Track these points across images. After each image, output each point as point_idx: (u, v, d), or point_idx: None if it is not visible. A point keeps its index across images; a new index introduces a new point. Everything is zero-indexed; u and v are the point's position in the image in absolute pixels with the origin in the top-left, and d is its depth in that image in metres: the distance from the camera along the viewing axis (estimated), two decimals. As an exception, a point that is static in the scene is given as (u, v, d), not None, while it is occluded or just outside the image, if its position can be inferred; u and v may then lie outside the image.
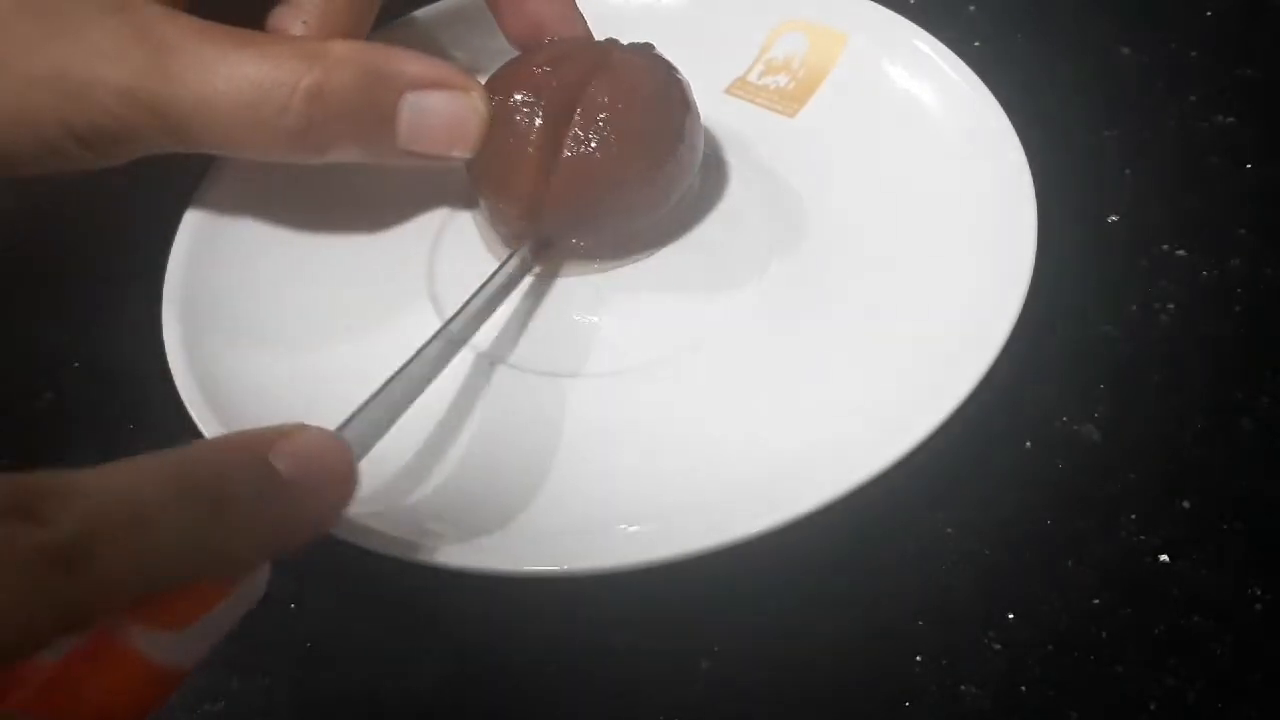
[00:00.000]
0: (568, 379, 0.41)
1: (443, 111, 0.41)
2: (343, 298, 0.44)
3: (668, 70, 0.42)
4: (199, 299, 0.42)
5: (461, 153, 0.41)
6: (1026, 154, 0.42)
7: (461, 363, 0.41)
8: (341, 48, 0.39)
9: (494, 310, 0.40)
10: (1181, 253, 0.43)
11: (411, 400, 0.35)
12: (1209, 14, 0.52)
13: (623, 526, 0.35)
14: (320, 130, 0.39)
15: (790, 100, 0.48)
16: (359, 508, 0.35)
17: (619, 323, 0.42)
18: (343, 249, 0.45)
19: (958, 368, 0.37)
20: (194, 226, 0.44)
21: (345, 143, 0.40)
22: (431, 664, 0.36)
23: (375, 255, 0.45)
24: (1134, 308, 0.42)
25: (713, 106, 0.41)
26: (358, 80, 0.39)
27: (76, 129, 0.38)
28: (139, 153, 0.40)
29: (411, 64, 0.40)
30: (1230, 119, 0.48)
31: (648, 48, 0.42)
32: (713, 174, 0.46)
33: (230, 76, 0.38)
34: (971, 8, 0.53)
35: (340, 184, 0.45)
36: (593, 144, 0.40)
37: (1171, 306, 0.42)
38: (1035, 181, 0.41)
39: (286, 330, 0.42)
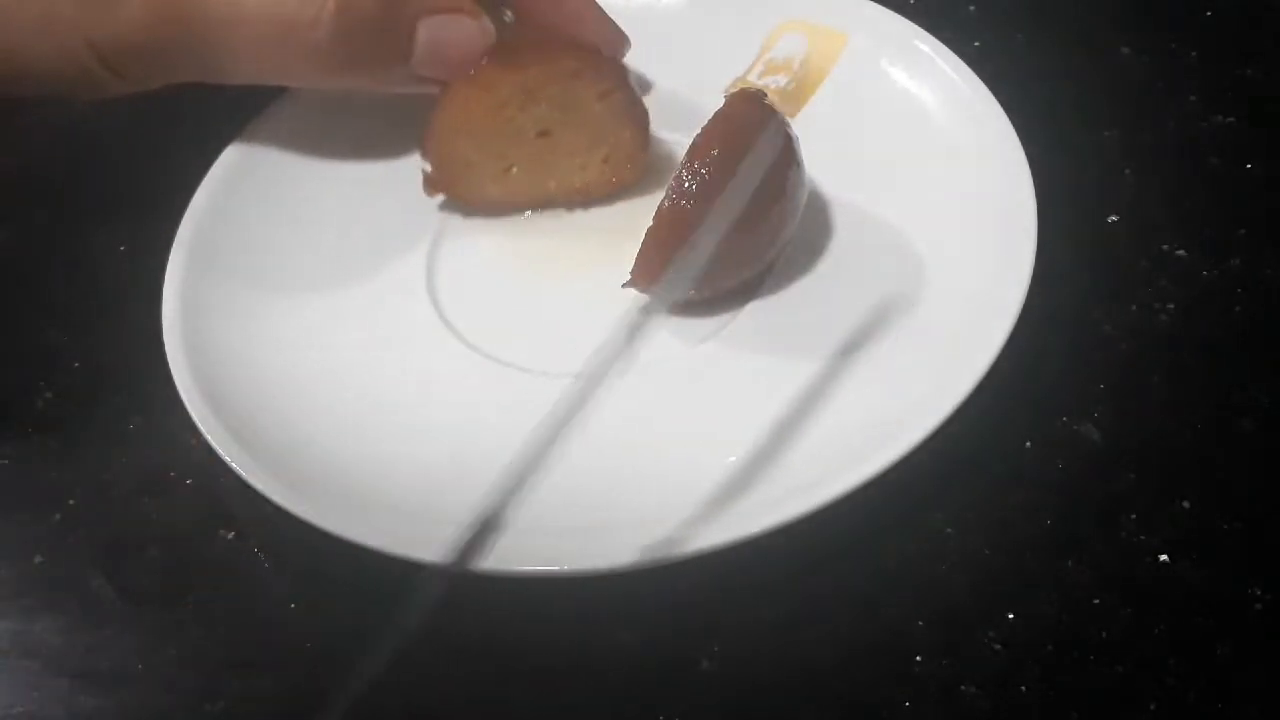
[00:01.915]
0: (568, 379, 0.41)
1: (456, 34, 0.42)
2: (341, 297, 0.44)
3: (779, 124, 0.41)
4: (198, 301, 0.42)
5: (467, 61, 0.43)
6: (1026, 154, 0.42)
7: (466, 364, 0.41)
8: None
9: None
10: (1181, 253, 0.43)
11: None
12: (1209, 14, 0.52)
13: (624, 527, 0.36)
14: (345, 46, 0.40)
15: (790, 100, 0.47)
16: (359, 509, 0.36)
17: (606, 326, 0.42)
18: (342, 247, 0.45)
19: (958, 368, 0.37)
20: (193, 229, 0.44)
21: (364, 61, 0.42)
22: (432, 664, 0.36)
23: (374, 255, 0.45)
24: (1134, 308, 0.42)
25: (713, 106, 0.41)
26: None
27: (98, 41, 0.38)
28: (161, 76, 0.40)
29: None
30: (1230, 119, 0.48)
31: (757, 96, 0.41)
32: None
33: None
34: (971, 7, 0.53)
35: (340, 185, 0.45)
36: (692, 197, 0.39)
37: (1171, 306, 0.42)
38: (1035, 181, 0.41)
39: (287, 331, 0.42)
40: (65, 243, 0.47)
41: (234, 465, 0.37)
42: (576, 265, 0.44)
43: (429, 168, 0.45)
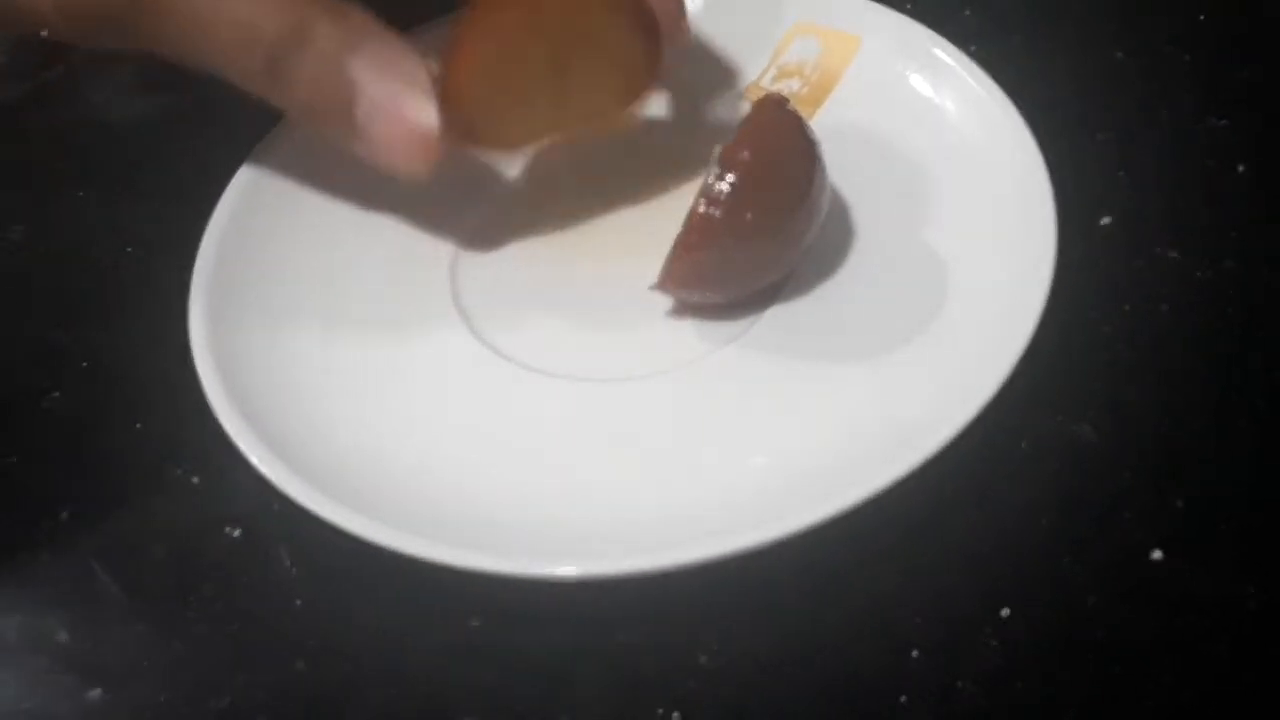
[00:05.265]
0: (583, 384, 0.41)
1: (392, 124, 0.40)
2: (365, 295, 0.44)
3: (803, 130, 0.41)
4: (225, 299, 0.42)
5: (406, 168, 0.41)
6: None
7: (489, 367, 0.41)
8: (359, 19, 0.40)
9: None
10: (1175, 254, 0.43)
11: None
12: (1203, 17, 0.52)
13: (643, 530, 0.36)
14: (291, 80, 0.39)
15: (803, 105, 0.47)
16: (363, 506, 0.36)
17: (628, 330, 0.43)
18: (367, 246, 0.45)
19: (978, 373, 0.37)
20: (221, 226, 0.44)
21: (306, 101, 0.40)
22: (432, 661, 0.36)
23: (399, 256, 0.45)
24: (1128, 308, 0.42)
25: (727, 110, 0.40)
26: (348, 57, 0.40)
27: None
28: (105, 36, 0.40)
29: (388, 74, 0.40)
30: (1224, 121, 0.48)
31: (782, 102, 0.41)
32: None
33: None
34: (967, 11, 0.53)
35: (365, 183, 0.45)
36: (722, 204, 0.39)
37: (1165, 308, 0.42)
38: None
39: (310, 329, 0.43)
40: (72, 243, 0.47)
41: (260, 465, 0.37)
42: (603, 269, 0.44)
43: (446, 116, 0.42)
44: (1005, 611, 0.35)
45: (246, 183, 0.45)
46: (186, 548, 0.39)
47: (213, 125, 0.45)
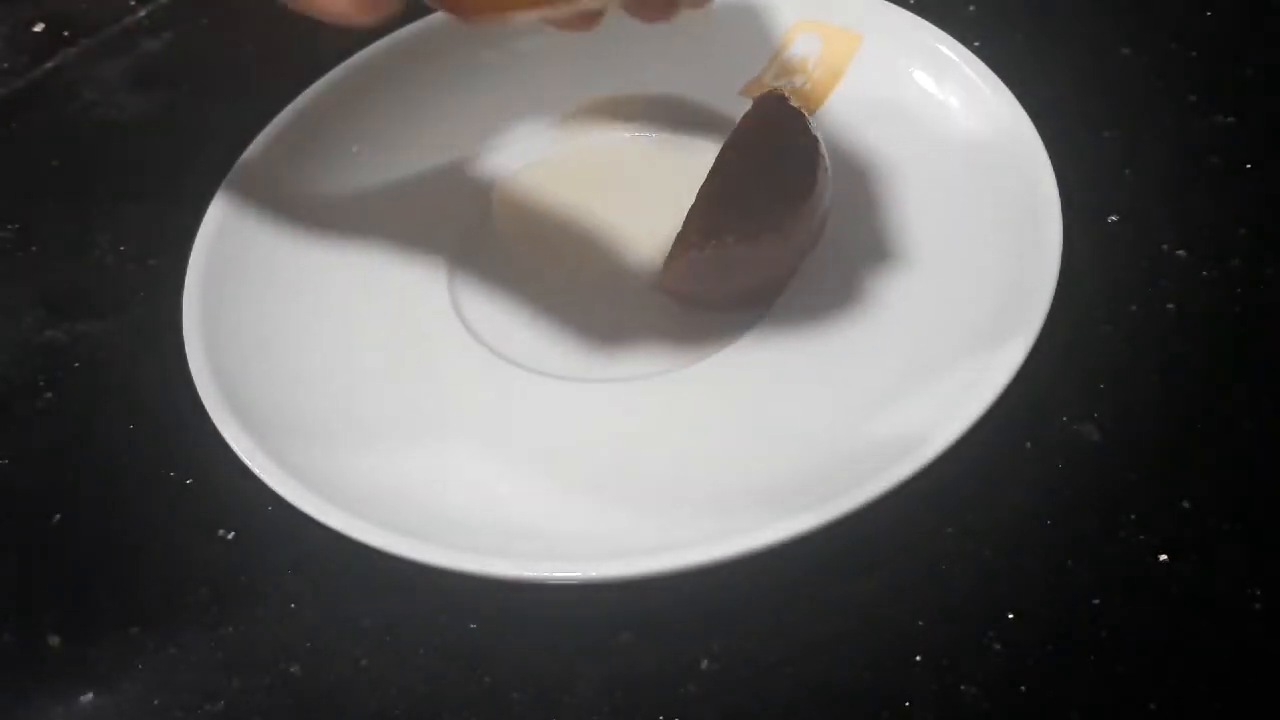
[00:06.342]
0: (583, 384, 0.41)
1: None
2: (362, 296, 0.44)
3: (805, 127, 0.41)
4: (218, 304, 0.42)
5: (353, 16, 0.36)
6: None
7: (490, 370, 0.41)
8: None
9: None
10: (1181, 253, 0.43)
11: None
12: (1209, 14, 0.52)
13: (642, 532, 0.36)
14: None
15: (806, 101, 0.47)
16: (359, 508, 0.36)
17: (628, 329, 0.42)
18: (364, 246, 0.45)
19: (982, 373, 0.37)
20: (216, 226, 0.44)
21: None
22: (433, 663, 0.36)
23: (396, 257, 0.45)
24: (1134, 308, 0.42)
25: (728, 107, 0.40)
26: None
27: None
28: None
29: None
30: (1230, 119, 0.48)
31: (784, 99, 0.41)
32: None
33: None
34: (971, 7, 0.53)
35: (362, 181, 0.45)
36: (722, 201, 0.39)
37: (1171, 307, 0.42)
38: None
39: (305, 331, 0.42)
40: (67, 242, 0.47)
41: (259, 471, 0.37)
42: (602, 269, 0.44)
43: None
44: (1009, 614, 0.35)
45: (241, 182, 0.45)
46: (180, 550, 0.39)
47: (206, 123, 0.45)
